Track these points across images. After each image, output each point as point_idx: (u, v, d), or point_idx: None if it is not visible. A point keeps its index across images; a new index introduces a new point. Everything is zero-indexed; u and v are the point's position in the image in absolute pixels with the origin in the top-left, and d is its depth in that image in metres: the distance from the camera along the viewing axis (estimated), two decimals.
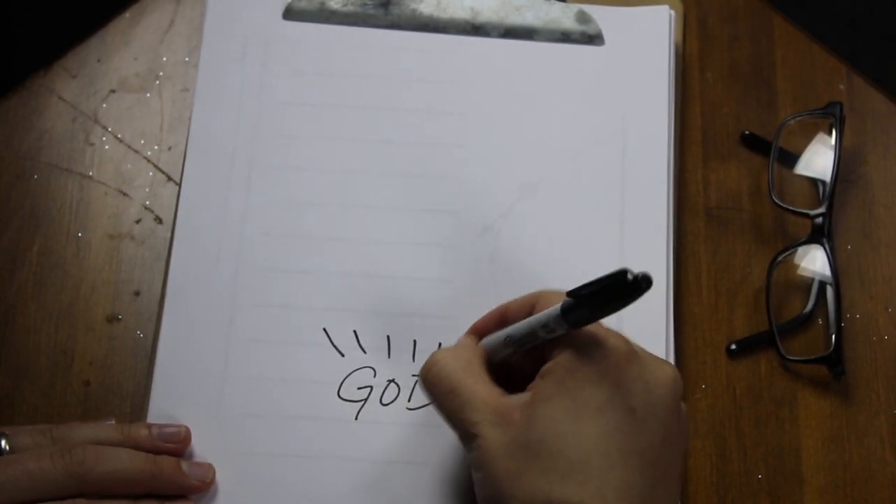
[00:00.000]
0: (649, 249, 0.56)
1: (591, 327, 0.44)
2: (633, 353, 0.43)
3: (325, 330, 0.54)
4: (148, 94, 0.61)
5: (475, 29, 0.61)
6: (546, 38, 0.60)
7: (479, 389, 0.44)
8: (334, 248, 0.56)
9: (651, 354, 0.45)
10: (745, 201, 0.60)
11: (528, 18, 0.61)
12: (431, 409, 0.48)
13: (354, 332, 0.54)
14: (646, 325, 0.54)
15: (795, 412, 0.56)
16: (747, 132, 0.61)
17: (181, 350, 0.54)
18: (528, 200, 0.57)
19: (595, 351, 0.43)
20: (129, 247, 0.58)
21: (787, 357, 0.56)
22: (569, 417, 0.42)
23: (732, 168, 0.61)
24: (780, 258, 0.58)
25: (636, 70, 0.60)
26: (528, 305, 0.47)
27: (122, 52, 0.62)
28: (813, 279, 0.58)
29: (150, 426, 0.50)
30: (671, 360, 0.54)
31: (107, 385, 0.55)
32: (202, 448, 0.52)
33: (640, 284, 0.40)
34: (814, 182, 0.60)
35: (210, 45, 0.60)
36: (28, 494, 0.45)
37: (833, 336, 0.56)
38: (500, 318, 0.48)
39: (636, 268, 0.55)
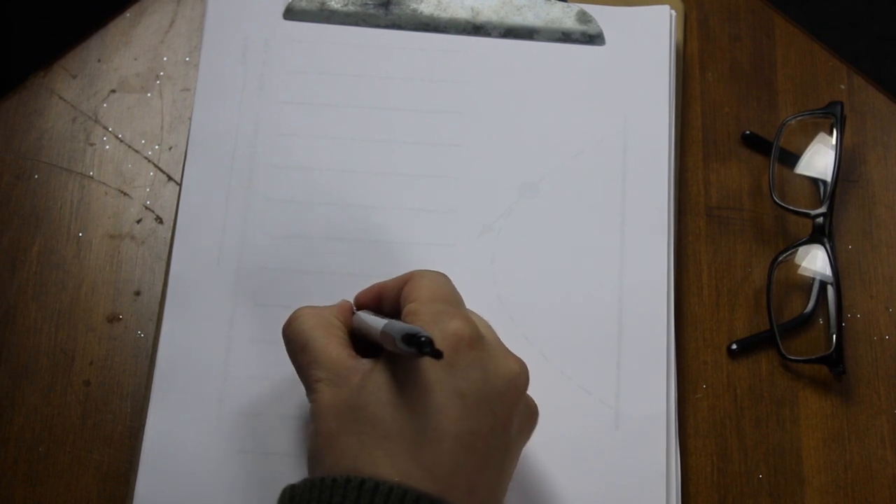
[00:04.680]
0: (650, 249, 0.56)
1: (440, 307, 0.45)
2: (477, 341, 0.44)
3: None
4: (148, 94, 0.61)
5: (476, 29, 0.61)
6: (547, 37, 0.60)
7: (330, 349, 0.45)
8: (335, 247, 0.56)
9: (502, 346, 0.46)
10: (746, 201, 0.60)
11: (529, 18, 0.61)
12: None
13: None
14: (646, 324, 0.55)
15: (796, 412, 0.56)
16: (748, 132, 0.61)
17: (181, 350, 0.54)
18: (529, 200, 0.57)
19: (435, 331, 0.43)
20: (129, 247, 0.58)
21: (788, 357, 0.56)
22: (396, 390, 0.42)
23: (733, 168, 0.61)
24: (780, 258, 0.58)
25: (637, 70, 0.60)
26: (401, 284, 0.47)
27: (122, 52, 0.62)
28: (814, 279, 0.58)
29: None
30: (672, 360, 0.54)
31: (107, 385, 0.55)
32: (202, 448, 0.52)
33: (423, 347, 0.40)
34: (814, 182, 0.60)
35: (210, 44, 0.60)
36: None
37: (834, 336, 0.56)
38: (377, 294, 0.49)
39: (636, 267, 0.56)
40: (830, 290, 0.57)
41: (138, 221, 0.59)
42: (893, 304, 0.58)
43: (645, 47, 0.60)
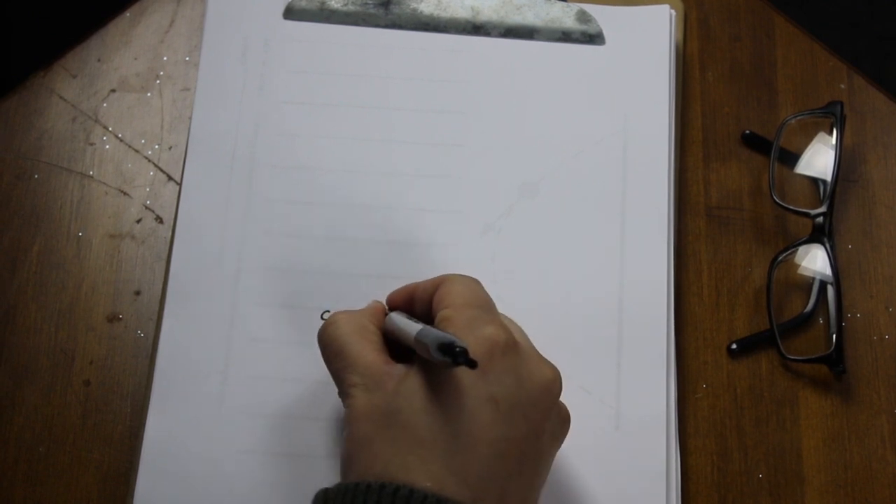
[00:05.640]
0: (650, 249, 0.56)
1: (474, 313, 0.45)
2: (511, 347, 0.44)
3: None
4: (148, 94, 0.61)
5: (476, 28, 0.61)
6: (546, 37, 0.60)
7: (365, 355, 0.45)
8: (335, 247, 0.56)
9: (536, 353, 0.46)
10: (746, 201, 0.60)
11: (529, 18, 0.61)
12: None
13: None
14: (646, 324, 0.55)
15: (796, 411, 0.56)
16: (748, 132, 0.61)
17: (181, 350, 0.54)
18: (529, 200, 0.57)
19: (469, 338, 0.43)
20: (129, 246, 0.58)
21: (788, 356, 0.56)
22: (429, 395, 0.42)
23: (733, 168, 0.61)
24: (780, 258, 0.58)
25: (637, 70, 0.60)
26: (433, 287, 0.47)
27: (122, 51, 0.62)
28: (814, 278, 0.58)
29: None
30: (672, 360, 0.54)
31: (107, 385, 0.55)
32: (202, 448, 0.52)
33: (458, 358, 0.40)
34: (814, 181, 0.60)
35: (210, 44, 0.60)
36: None
37: (834, 335, 0.56)
38: (409, 296, 0.49)
39: (636, 266, 0.56)
40: (830, 290, 0.57)
41: (138, 221, 0.59)
42: (893, 303, 0.58)
43: (645, 47, 0.60)
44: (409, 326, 0.45)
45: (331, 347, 0.47)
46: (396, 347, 0.47)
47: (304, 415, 0.53)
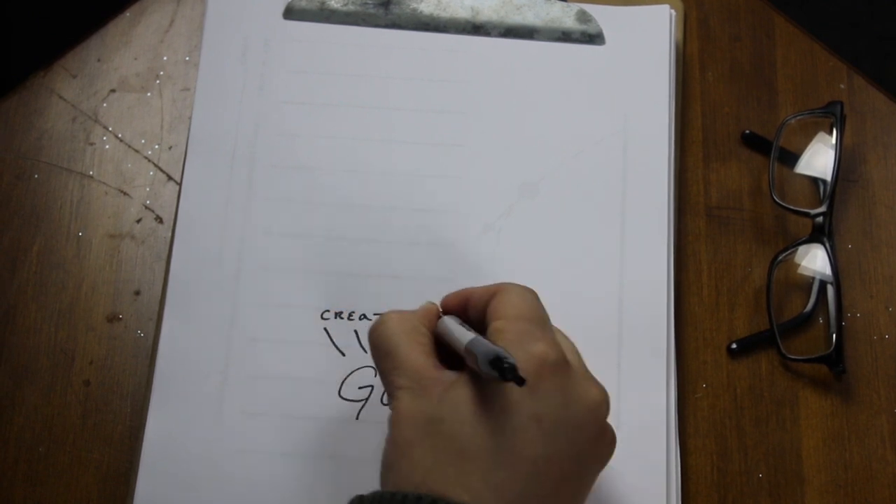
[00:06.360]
0: (650, 249, 0.56)
1: (526, 327, 0.44)
2: (560, 366, 0.43)
3: (325, 329, 0.54)
4: (148, 94, 0.61)
5: (475, 28, 0.61)
6: (546, 37, 0.60)
7: (414, 357, 0.44)
8: (335, 247, 0.56)
9: (586, 372, 0.45)
10: (746, 201, 0.60)
11: (529, 18, 0.61)
12: None
13: (355, 331, 0.54)
14: (646, 324, 0.55)
15: (796, 411, 0.56)
16: (748, 132, 0.61)
17: (181, 350, 0.54)
18: (529, 200, 0.57)
19: (519, 353, 0.42)
20: (129, 246, 0.58)
21: (788, 356, 0.56)
22: (475, 407, 0.42)
23: (733, 167, 0.61)
24: (780, 257, 0.58)
25: (637, 69, 0.60)
26: (489, 295, 0.47)
27: (122, 51, 0.62)
28: (813, 278, 0.58)
29: None
30: (672, 360, 0.54)
31: (107, 385, 0.55)
32: (202, 448, 0.52)
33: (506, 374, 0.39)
34: (814, 181, 0.60)
35: (210, 44, 0.60)
36: None
37: (834, 335, 0.56)
38: (464, 301, 0.48)
39: (636, 266, 0.56)
40: (830, 290, 0.57)
41: (138, 221, 0.59)
42: (893, 303, 0.58)
43: (645, 47, 0.60)
44: (461, 334, 0.44)
45: (381, 347, 0.46)
46: (446, 351, 0.46)
47: (303, 415, 0.53)
